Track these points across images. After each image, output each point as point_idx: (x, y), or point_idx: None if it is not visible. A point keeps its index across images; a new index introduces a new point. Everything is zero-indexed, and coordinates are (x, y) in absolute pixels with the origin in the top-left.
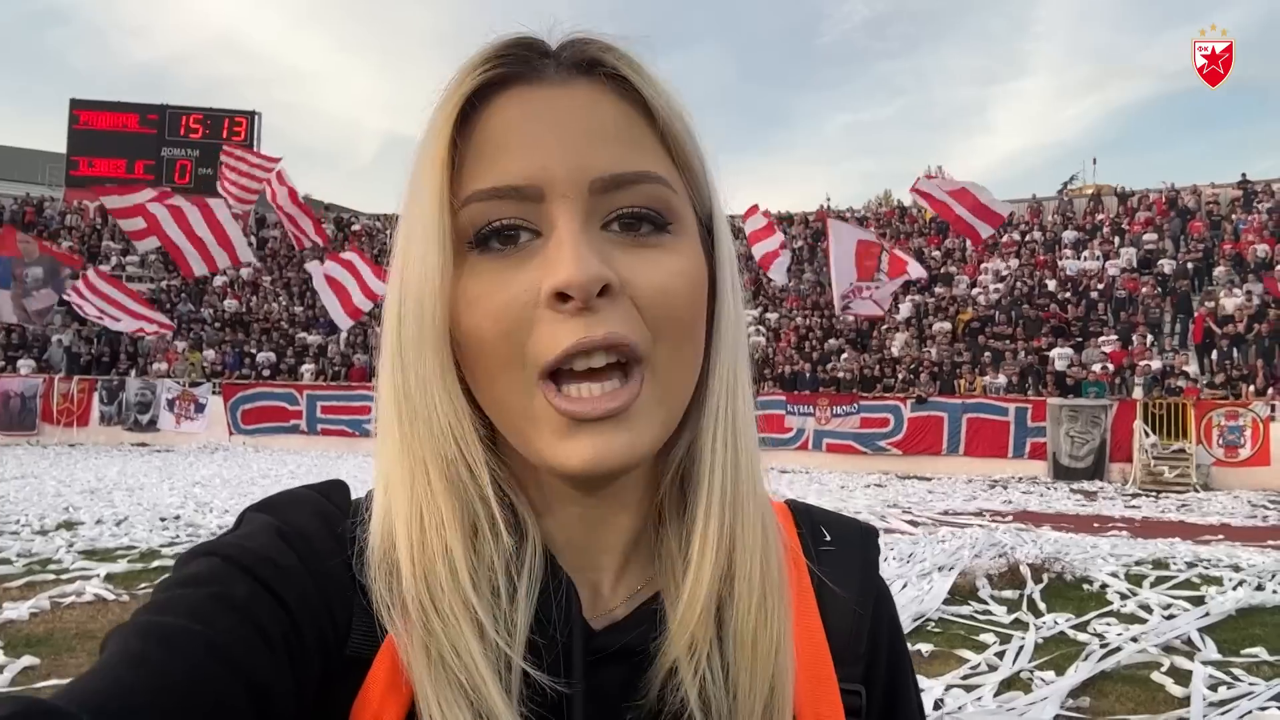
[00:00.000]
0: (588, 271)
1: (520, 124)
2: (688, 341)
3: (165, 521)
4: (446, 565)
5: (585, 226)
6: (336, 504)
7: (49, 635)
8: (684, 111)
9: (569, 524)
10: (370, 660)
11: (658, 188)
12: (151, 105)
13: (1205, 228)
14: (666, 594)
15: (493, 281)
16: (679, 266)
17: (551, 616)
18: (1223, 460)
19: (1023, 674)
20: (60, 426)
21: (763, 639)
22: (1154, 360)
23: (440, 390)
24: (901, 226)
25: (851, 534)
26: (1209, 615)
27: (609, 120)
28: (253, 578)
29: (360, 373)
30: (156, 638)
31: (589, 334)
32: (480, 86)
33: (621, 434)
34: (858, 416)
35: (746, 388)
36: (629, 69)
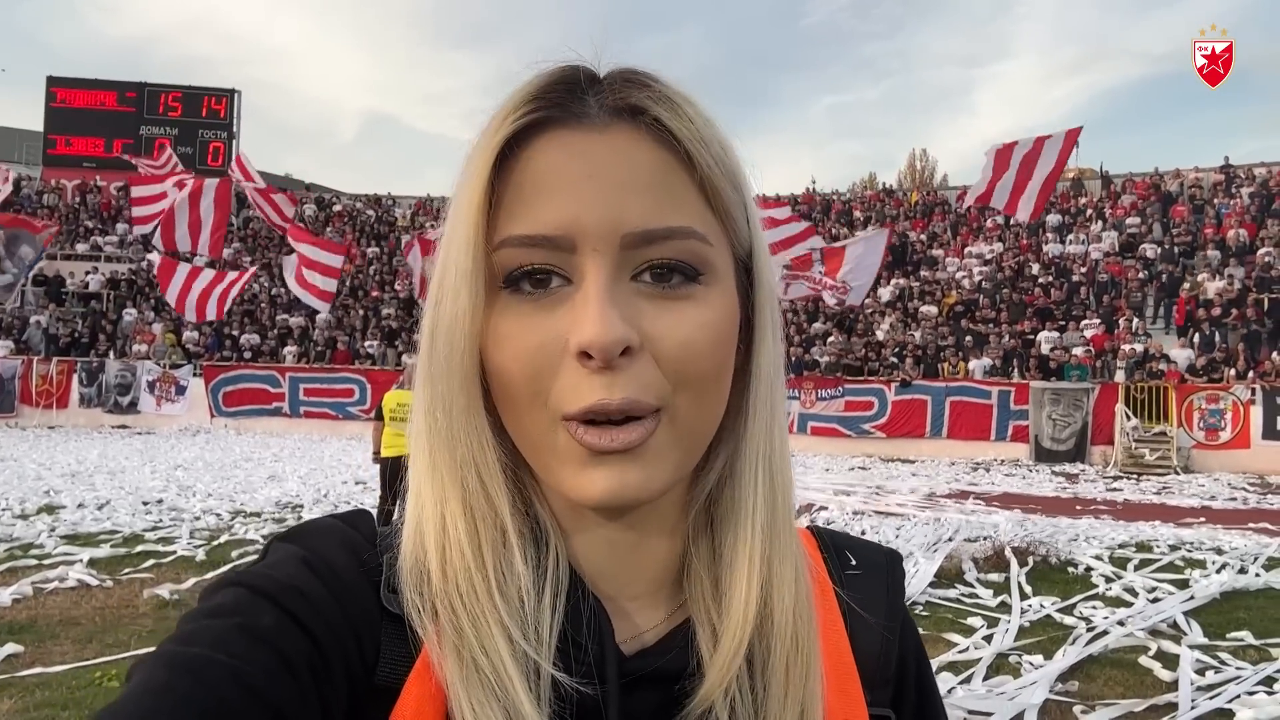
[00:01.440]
0: (610, 335)
1: (556, 171)
2: (709, 390)
3: (148, 505)
4: (473, 574)
5: (614, 279)
6: (362, 533)
7: (32, 622)
8: (725, 156)
9: (598, 551)
10: (399, 689)
11: (690, 243)
12: (130, 83)
13: (1188, 212)
14: (697, 618)
15: (522, 324)
16: (705, 319)
17: (581, 634)
18: (1203, 443)
19: (1011, 657)
20: (39, 409)
21: (795, 666)
22: (1136, 344)
23: (465, 423)
24: (887, 210)
25: (876, 558)
26: (1194, 599)
27: (645, 171)
28: (279, 607)
29: (343, 355)
30: (181, 668)
31: (607, 397)
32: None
33: (636, 469)
34: (842, 400)
35: (783, 424)
36: (671, 116)
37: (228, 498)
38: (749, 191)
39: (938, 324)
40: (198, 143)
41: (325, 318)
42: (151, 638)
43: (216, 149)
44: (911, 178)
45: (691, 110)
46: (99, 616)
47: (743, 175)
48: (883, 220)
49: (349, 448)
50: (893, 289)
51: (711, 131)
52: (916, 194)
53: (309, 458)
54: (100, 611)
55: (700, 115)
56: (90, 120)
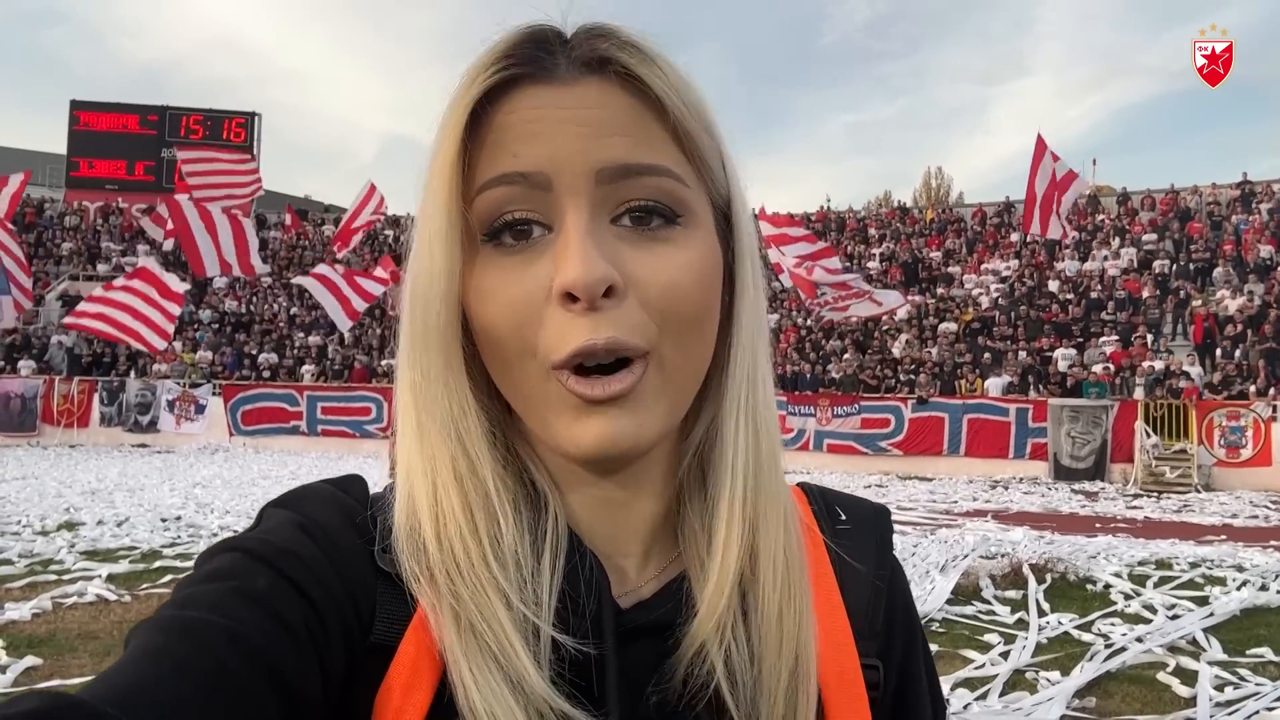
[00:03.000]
0: (593, 274)
1: (529, 119)
2: (694, 333)
3: (166, 522)
4: (467, 543)
5: (593, 220)
6: (355, 497)
7: (51, 635)
8: (699, 103)
9: (592, 508)
10: (395, 647)
11: (667, 181)
12: (151, 106)
13: (1206, 228)
14: (692, 572)
15: (505, 276)
16: (686, 260)
17: (579, 591)
18: (1224, 461)
19: (1028, 674)
20: (61, 427)
21: (788, 613)
22: (1155, 361)
23: (443, 387)
24: (902, 228)
25: (866, 513)
26: (1213, 615)
27: (619, 115)
28: (274, 570)
29: (361, 374)
30: (179, 631)
31: (592, 338)
32: (491, 87)
33: (628, 417)
34: (858, 417)
35: (767, 374)
36: (641, 65)
37: (245, 515)
38: (725, 142)
39: (954, 341)
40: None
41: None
42: None
43: None
44: (926, 195)
45: (661, 60)
46: (117, 630)
47: (717, 126)
48: (899, 238)
49: (366, 465)
50: (909, 306)
51: (681, 80)
52: (932, 211)
53: (326, 475)
54: (118, 626)
55: (669, 64)
56: (112, 143)
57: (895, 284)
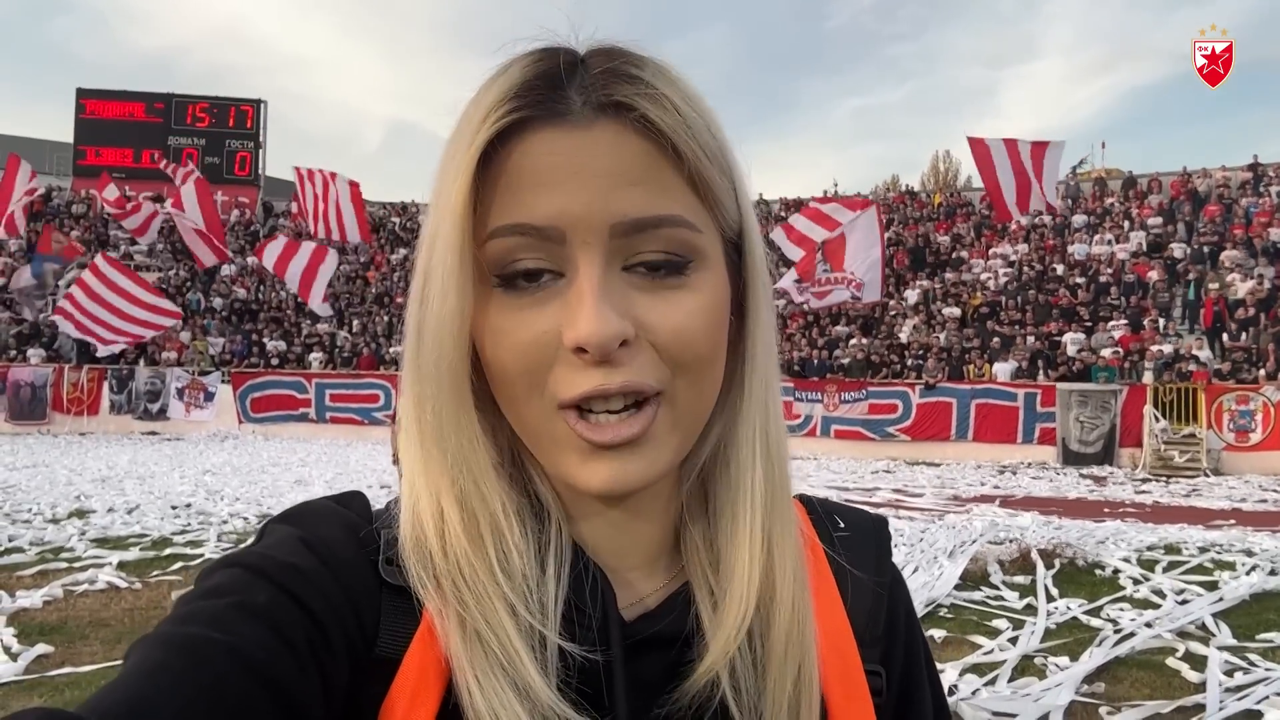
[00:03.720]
0: (606, 331)
1: (543, 166)
2: (706, 372)
3: (176, 509)
4: (473, 559)
5: (606, 271)
6: (357, 512)
7: (62, 623)
8: (713, 141)
9: (597, 528)
10: (399, 660)
11: (680, 231)
12: (158, 94)
13: (1216, 211)
14: (696, 585)
15: (515, 319)
16: (697, 304)
17: (585, 602)
18: (1234, 445)
19: (1037, 660)
20: (71, 415)
21: (794, 633)
22: (1164, 345)
23: (454, 424)
24: (910, 212)
25: (864, 522)
26: (1223, 600)
27: (632, 162)
28: (275, 584)
29: (369, 361)
30: (177, 647)
31: (606, 383)
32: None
33: (637, 459)
34: (866, 403)
35: (777, 398)
36: (655, 108)
37: (255, 502)
38: (738, 171)
39: (962, 326)
40: (224, 153)
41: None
42: None
43: (244, 159)
44: (935, 179)
45: (677, 99)
46: (128, 618)
47: (730, 156)
48: (906, 223)
49: (374, 452)
50: (917, 291)
51: (697, 118)
52: (940, 195)
53: (335, 462)
54: (129, 613)
55: (686, 103)
56: (119, 131)
57: (903, 268)
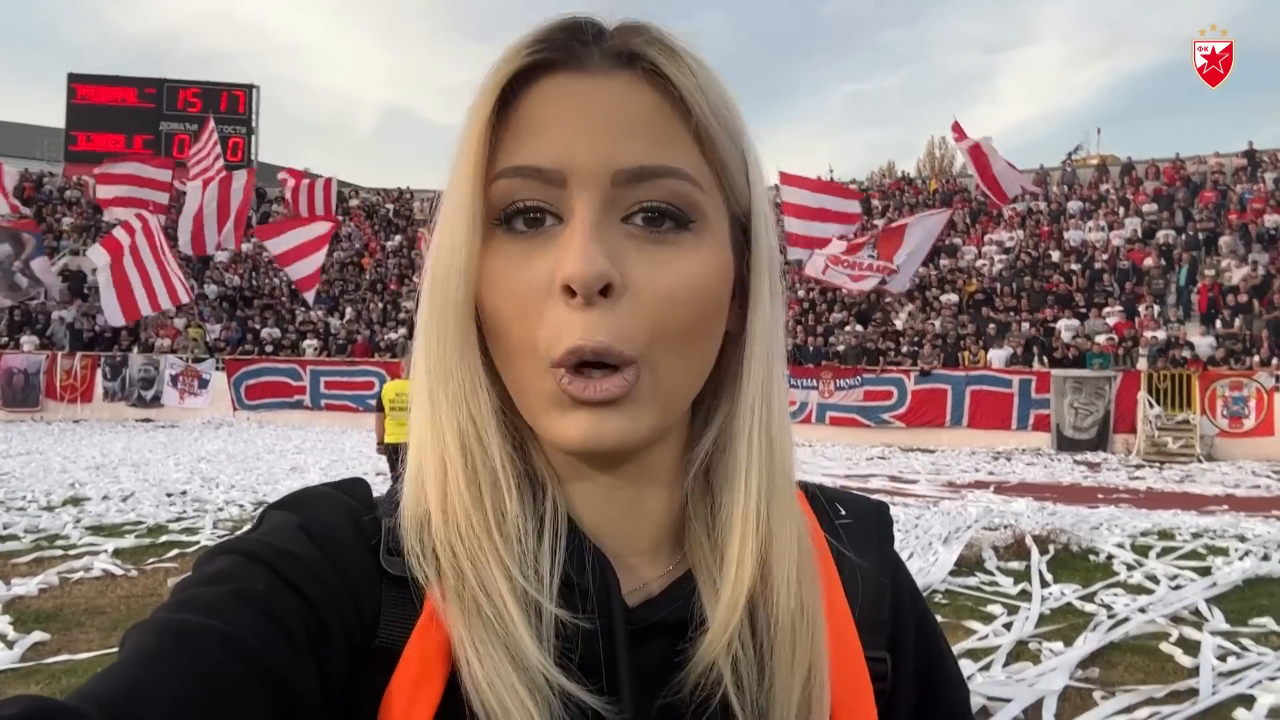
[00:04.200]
0: (591, 269)
1: (554, 109)
2: (689, 345)
3: (172, 497)
4: (471, 514)
5: (603, 218)
6: (358, 499)
7: (58, 611)
8: (726, 108)
9: (597, 503)
10: (400, 651)
11: (682, 184)
12: (149, 79)
13: (1211, 198)
14: (698, 576)
15: (513, 263)
16: (689, 269)
17: (586, 581)
18: (1227, 431)
19: (1031, 645)
20: (64, 403)
21: (800, 629)
22: (1158, 331)
23: (458, 363)
24: (906, 198)
25: (865, 508)
26: (1216, 585)
27: (641, 113)
28: (273, 572)
29: (363, 348)
30: (172, 634)
31: (583, 340)
32: (522, 69)
33: (614, 419)
34: (861, 389)
35: (782, 389)
36: (669, 63)
37: (250, 489)
38: (752, 151)
39: (958, 312)
40: None
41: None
42: None
43: (236, 144)
44: (930, 166)
45: (691, 61)
46: (124, 605)
47: (744, 133)
48: (902, 209)
49: (370, 439)
50: (911, 279)
51: (711, 83)
52: (935, 182)
53: (330, 449)
54: (125, 600)
55: (700, 66)
56: (111, 116)
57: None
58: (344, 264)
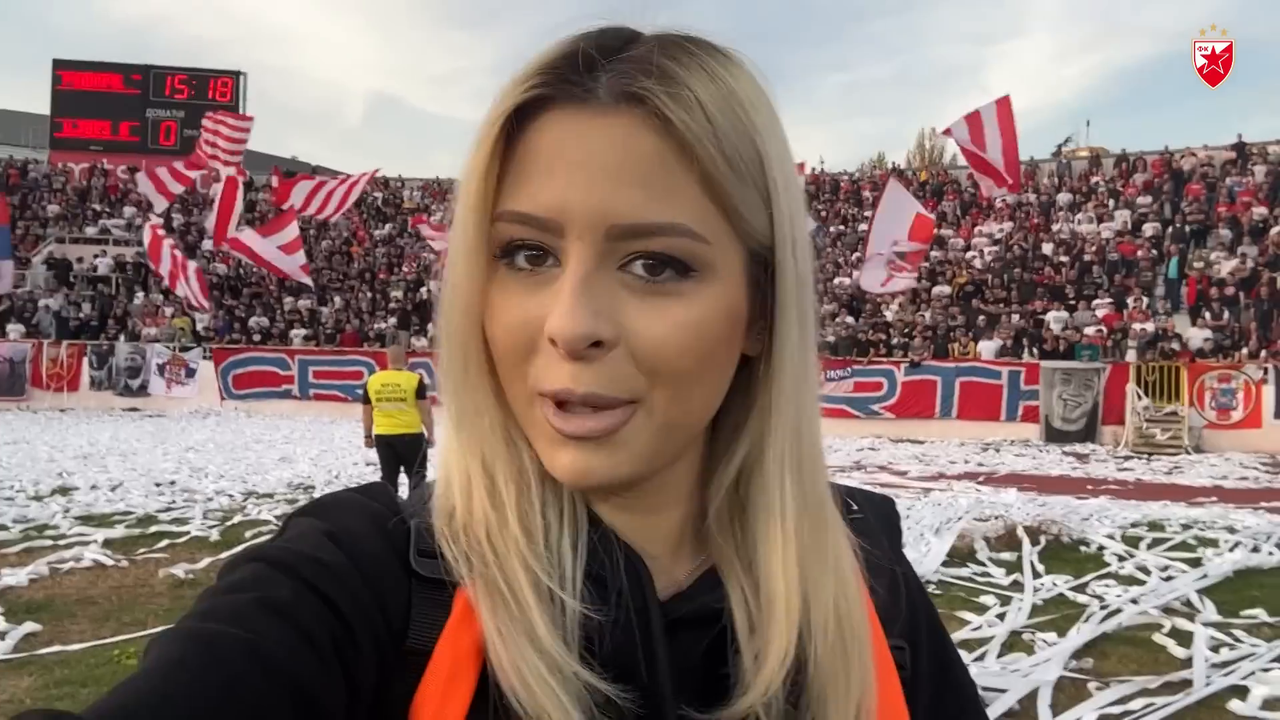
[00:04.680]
0: (577, 329)
1: (553, 151)
2: (690, 387)
3: (160, 487)
4: (490, 512)
5: (596, 270)
6: (383, 504)
7: (49, 601)
8: (740, 141)
9: (613, 510)
10: (430, 651)
11: (681, 241)
12: (135, 65)
13: (1200, 190)
14: (725, 575)
15: (511, 300)
16: (688, 318)
17: (619, 579)
18: (1215, 423)
19: (1025, 636)
20: (50, 391)
21: (841, 670)
22: (1147, 323)
23: (471, 385)
24: None
25: (875, 502)
26: (1207, 577)
27: (641, 161)
28: (298, 579)
29: (352, 338)
30: (196, 644)
31: (572, 386)
32: (525, 103)
33: (601, 456)
34: (851, 380)
35: (813, 421)
36: (675, 107)
37: (239, 479)
38: (777, 184)
39: (948, 304)
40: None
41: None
42: (168, 616)
43: None
44: (920, 157)
45: (710, 101)
46: (115, 596)
47: (766, 158)
48: None
49: (359, 429)
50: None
51: (729, 124)
52: (925, 173)
53: (319, 439)
54: (116, 591)
55: (722, 107)
56: (96, 103)
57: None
58: (332, 253)
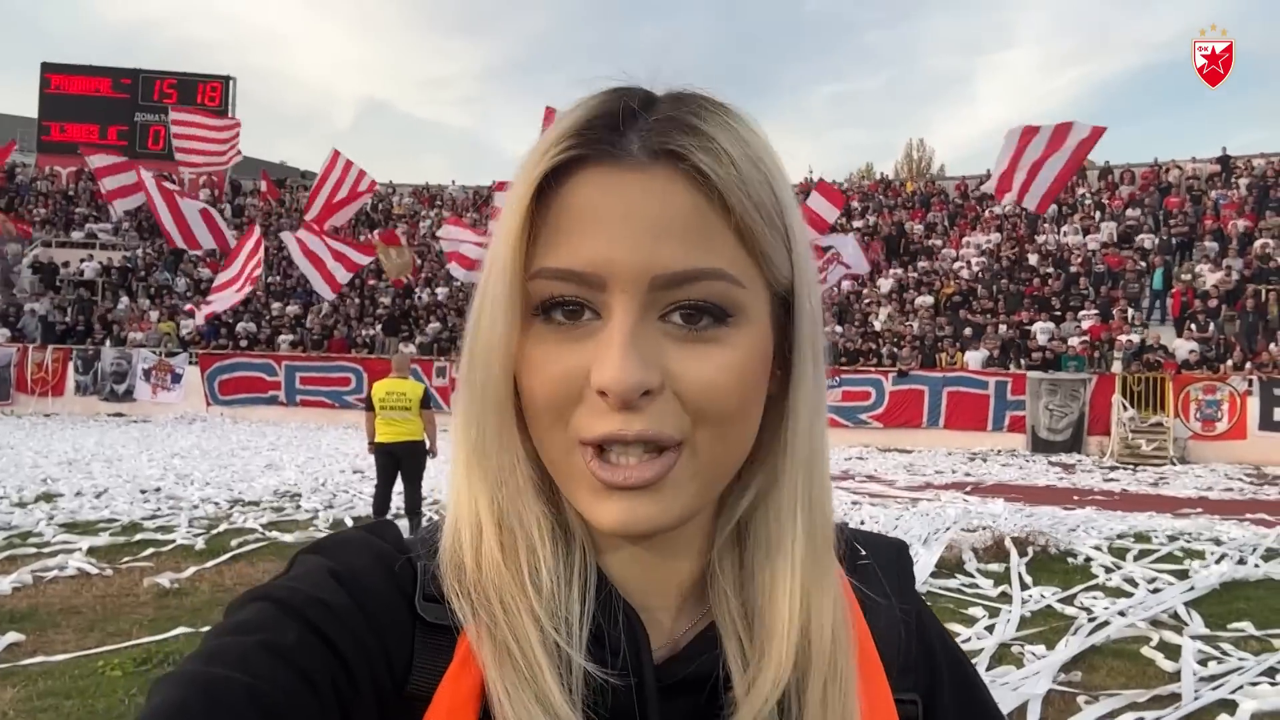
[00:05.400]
0: (629, 380)
1: (591, 208)
2: (732, 427)
3: (146, 494)
4: (504, 569)
5: (641, 320)
6: (390, 542)
7: (33, 610)
8: (767, 193)
9: (624, 565)
10: (430, 697)
11: (720, 285)
12: (124, 69)
13: (1186, 203)
14: (723, 629)
15: (552, 352)
16: (730, 361)
17: (617, 634)
18: (1200, 434)
19: (1014, 648)
20: (35, 396)
21: (832, 692)
22: (1133, 334)
23: (497, 443)
24: (885, 200)
25: (885, 548)
26: (1194, 589)
27: (680, 214)
28: (303, 622)
29: (339, 344)
30: (199, 689)
31: (624, 429)
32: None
33: (650, 504)
34: (839, 390)
35: (824, 458)
36: (709, 160)
37: (226, 486)
38: (795, 229)
39: (935, 314)
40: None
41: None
42: (153, 626)
43: None
44: (908, 167)
45: (736, 153)
46: (100, 605)
47: (789, 214)
48: (881, 211)
49: (346, 436)
50: (891, 279)
51: (754, 173)
52: (912, 184)
53: (306, 446)
54: (101, 600)
55: (746, 157)
56: (85, 106)
57: (878, 256)
58: None
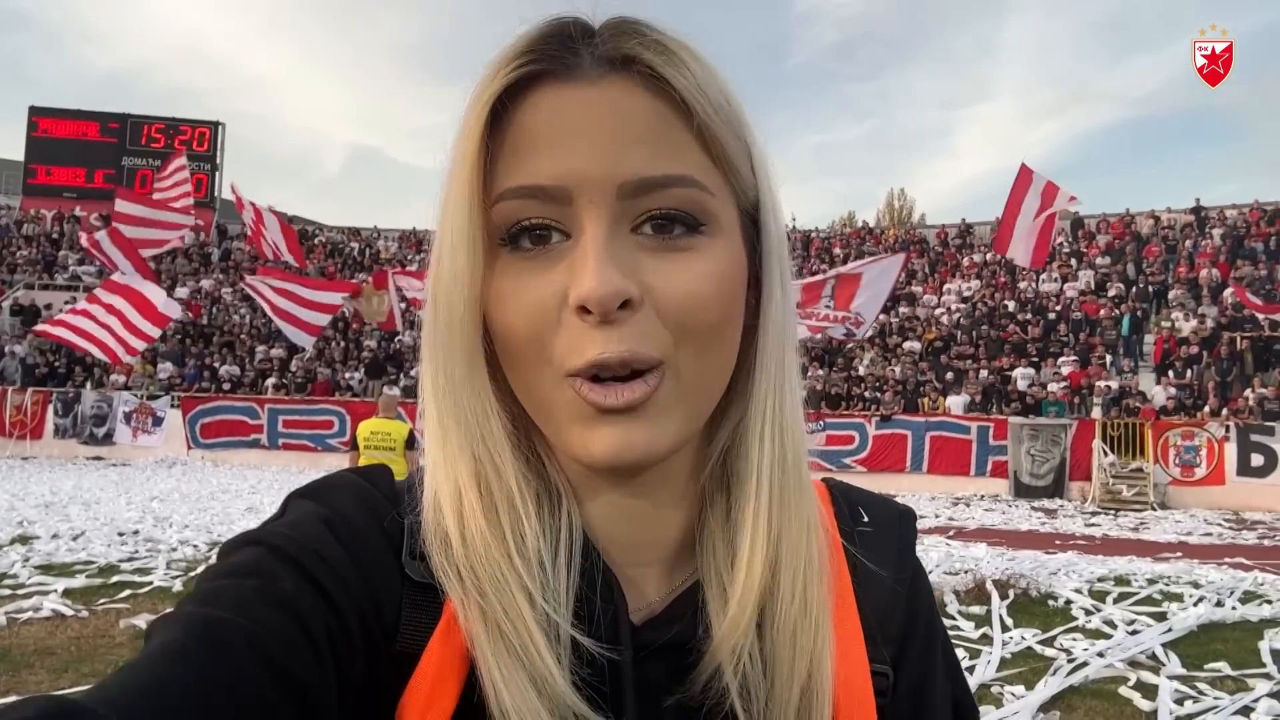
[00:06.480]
0: (607, 287)
1: (550, 124)
2: (714, 343)
3: (124, 536)
4: (489, 540)
5: (613, 232)
6: (382, 490)
7: (7, 651)
8: (727, 103)
9: (611, 518)
10: (418, 655)
11: (689, 191)
12: (112, 114)
13: (1161, 252)
14: (707, 584)
15: (522, 281)
16: (707, 269)
17: (596, 599)
18: (1179, 479)
19: (993, 689)
20: (13, 439)
21: (803, 628)
22: (1111, 381)
23: (468, 389)
24: (866, 247)
25: (889, 514)
26: (1172, 631)
27: (641, 121)
28: (299, 570)
29: (323, 387)
30: (199, 632)
31: (605, 352)
32: (512, 83)
33: (642, 427)
34: (823, 434)
35: (794, 378)
36: (666, 65)
37: (205, 529)
38: (754, 137)
39: (917, 360)
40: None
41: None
42: None
43: (200, 180)
44: (890, 216)
45: (688, 56)
46: (75, 646)
47: (747, 124)
48: (862, 258)
49: None
50: (874, 325)
51: (711, 78)
52: (894, 231)
53: (287, 489)
54: (76, 641)
55: (698, 62)
56: (72, 150)
57: None
58: None
